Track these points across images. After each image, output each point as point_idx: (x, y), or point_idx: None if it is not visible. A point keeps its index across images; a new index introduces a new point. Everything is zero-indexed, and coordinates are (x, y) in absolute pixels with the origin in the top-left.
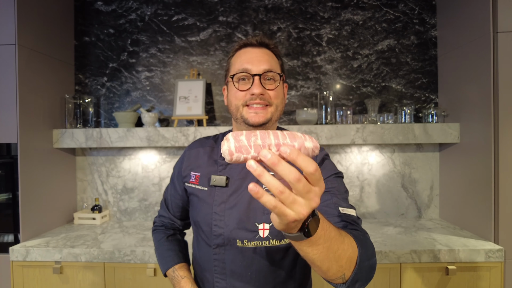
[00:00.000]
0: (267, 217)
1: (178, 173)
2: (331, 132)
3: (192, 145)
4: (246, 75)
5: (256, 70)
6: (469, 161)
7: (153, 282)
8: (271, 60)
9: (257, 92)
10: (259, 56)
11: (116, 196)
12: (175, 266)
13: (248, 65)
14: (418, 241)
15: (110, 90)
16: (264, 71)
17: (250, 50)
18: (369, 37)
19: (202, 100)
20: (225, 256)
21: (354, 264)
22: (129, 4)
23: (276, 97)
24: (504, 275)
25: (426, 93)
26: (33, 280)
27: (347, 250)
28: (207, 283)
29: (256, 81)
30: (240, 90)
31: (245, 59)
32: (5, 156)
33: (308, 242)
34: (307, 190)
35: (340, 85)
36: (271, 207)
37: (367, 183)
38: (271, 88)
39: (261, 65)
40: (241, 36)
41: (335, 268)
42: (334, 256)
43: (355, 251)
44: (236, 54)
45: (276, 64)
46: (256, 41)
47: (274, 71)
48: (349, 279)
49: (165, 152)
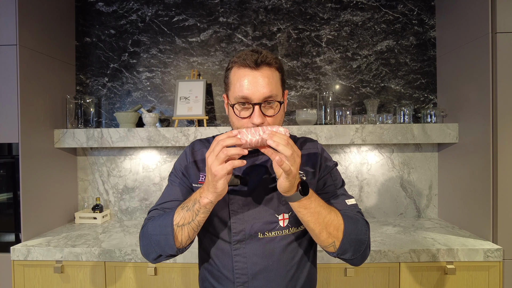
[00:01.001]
0: (285, 208)
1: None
2: (330, 132)
3: (195, 146)
4: (246, 103)
5: (256, 99)
6: (468, 161)
7: (153, 281)
8: (272, 82)
9: (258, 123)
10: (258, 81)
11: (117, 196)
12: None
13: (248, 93)
14: (417, 241)
15: (111, 91)
16: (264, 99)
17: (249, 73)
18: (368, 38)
19: (202, 100)
20: (246, 250)
21: (341, 234)
22: (130, 5)
23: (274, 121)
24: (503, 275)
25: (425, 94)
26: (34, 279)
27: (334, 220)
28: (225, 281)
29: (256, 111)
30: (241, 118)
31: (245, 85)
32: (6, 156)
33: (304, 204)
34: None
35: (339, 85)
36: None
37: (366, 183)
38: (270, 114)
39: (261, 92)
40: (241, 37)
41: (325, 234)
42: (323, 221)
43: (340, 222)
44: (235, 72)
45: (276, 83)
46: (255, 62)
47: (273, 96)
48: (338, 247)
49: (165, 152)
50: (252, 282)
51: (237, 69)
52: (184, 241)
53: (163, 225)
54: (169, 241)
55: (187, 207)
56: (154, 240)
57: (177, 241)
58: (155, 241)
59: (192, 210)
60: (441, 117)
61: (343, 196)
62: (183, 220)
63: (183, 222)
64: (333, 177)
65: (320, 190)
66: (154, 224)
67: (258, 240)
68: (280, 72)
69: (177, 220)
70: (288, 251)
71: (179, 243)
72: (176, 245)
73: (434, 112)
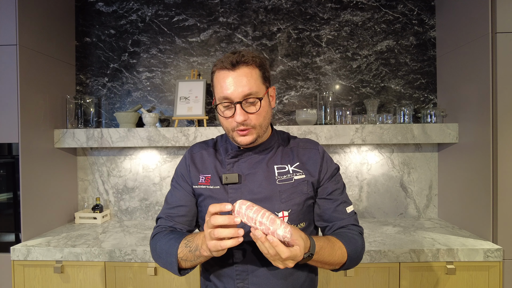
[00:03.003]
0: (285, 205)
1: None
2: (330, 132)
3: (194, 149)
4: (228, 103)
5: (236, 98)
6: (468, 161)
7: (153, 281)
8: (250, 80)
9: (240, 121)
10: (236, 81)
11: (117, 196)
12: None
13: (228, 93)
14: (417, 241)
15: (111, 91)
16: (244, 98)
17: (227, 74)
18: (368, 38)
19: (202, 100)
20: (246, 246)
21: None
22: (130, 5)
23: (258, 118)
24: (503, 275)
25: (425, 94)
26: (34, 279)
27: (339, 257)
28: (225, 279)
29: (238, 110)
30: (226, 118)
31: (224, 86)
32: (6, 156)
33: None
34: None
35: (339, 85)
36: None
37: (366, 182)
38: (252, 111)
39: (239, 91)
40: (241, 37)
41: (330, 267)
42: (329, 262)
43: (344, 255)
44: (216, 75)
45: (256, 80)
46: (231, 63)
47: (254, 94)
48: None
49: (165, 152)
50: (252, 279)
51: (218, 72)
52: (188, 267)
53: (169, 253)
54: (173, 268)
55: (189, 248)
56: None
57: (180, 266)
58: (162, 262)
59: (194, 254)
60: (441, 117)
61: (344, 204)
62: (186, 257)
63: (185, 258)
64: (336, 183)
65: (323, 196)
66: (162, 247)
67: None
68: (260, 69)
69: (180, 254)
70: None
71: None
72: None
73: (434, 112)
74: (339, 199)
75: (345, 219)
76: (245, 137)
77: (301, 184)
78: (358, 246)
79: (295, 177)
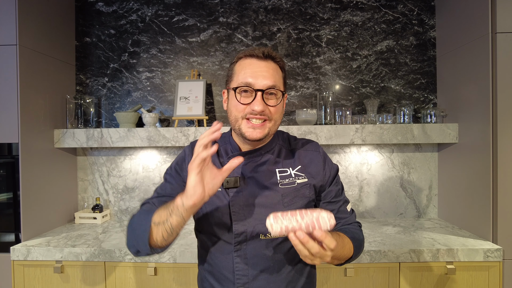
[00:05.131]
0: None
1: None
2: (330, 132)
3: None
4: (249, 89)
5: (259, 86)
6: (468, 161)
7: (153, 281)
8: (276, 75)
9: (258, 110)
10: (263, 70)
11: (117, 196)
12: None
13: (252, 79)
14: (417, 241)
15: (111, 91)
16: (267, 87)
17: (255, 62)
18: (368, 38)
19: (202, 100)
20: (247, 251)
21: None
22: (130, 5)
23: (276, 112)
24: (503, 275)
25: (425, 94)
26: (34, 279)
27: (347, 252)
28: (225, 281)
29: (258, 97)
30: (242, 103)
31: (250, 72)
32: (6, 156)
33: None
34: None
35: (339, 85)
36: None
37: (366, 183)
38: (272, 104)
39: (265, 80)
40: (241, 37)
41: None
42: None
43: (351, 250)
44: (241, 62)
45: (280, 78)
46: (263, 53)
47: (277, 87)
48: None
49: (165, 152)
50: (252, 283)
51: (245, 59)
52: (160, 240)
53: (145, 219)
54: (144, 238)
55: (165, 206)
56: (134, 235)
57: (152, 239)
58: (134, 236)
59: (168, 209)
60: (441, 117)
61: (345, 203)
62: (159, 218)
63: (159, 220)
64: (337, 184)
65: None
66: (138, 217)
67: (259, 241)
68: (283, 72)
69: (155, 217)
70: (289, 253)
71: (154, 242)
72: (151, 243)
73: (434, 112)
74: (340, 200)
75: (348, 217)
76: (255, 130)
77: (303, 188)
78: (361, 240)
79: (297, 180)
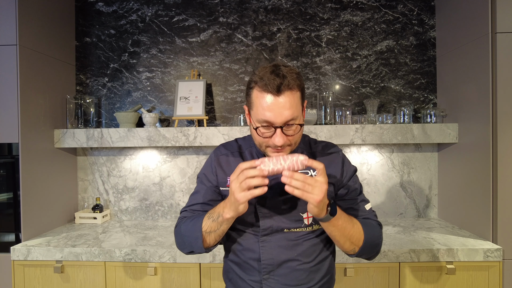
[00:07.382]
0: None
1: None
2: (330, 132)
3: (219, 152)
4: (269, 126)
5: (278, 123)
6: (468, 161)
7: (153, 281)
8: (293, 106)
9: (280, 144)
10: (280, 107)
11: (117, 196)
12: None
13: (271, 117)
14: (417, 241)
15: (111, 91)
16: (286, 122)
17: (271, 98)
18: (368, 38)
19: (202, 100)
20: (272, 243)
21: (362, 243)
22: (130, 5)
23: (295, 138)
24: (503, 275)
25: (424, 94)
26: (34, 279)
27: (356, 232)
28: (251, 271)
29: (278, 133)
30: (263, 137)
31: (267, 109)
32: (6, 156)
33: (332, 223)
34: (314, 181)
35: (339, 85)
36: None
37: (366, 182)
38: (291, 134)
39: (283, 115)
40: (241, 37)
41: (348, 244)
42: (348, 234)
43: (361, 233)
44: (257, 95)
45: (297, 104)
46: (277, 88)
47: (294, 119)
48: (357, 252)
49: (165, 152)
50: (277, 271)
51: (259, 92)
52: (212, 243)
53: (193, 229)
54: (198, 244)
55: (212, 218)
56: (186, 241)
57: (205, 243)
58: (188, 242)
59: (217, 222)
60: (441, 117)
61: (363, 202)
62: (210, 229)
63: (209, 230)
64: (355, 183)
65: (344, 196)
66: (186, 227)
67: (284, 233)
68: (300, 91)
69: (205, 227)
70: (311, 245)
71: (207, 244)
72: (204, 246)
73: (434, 112)
74: (357, 199)
75: (365, 215)
76: (279, 153)
77: None
78: (376, 232)
79: None
